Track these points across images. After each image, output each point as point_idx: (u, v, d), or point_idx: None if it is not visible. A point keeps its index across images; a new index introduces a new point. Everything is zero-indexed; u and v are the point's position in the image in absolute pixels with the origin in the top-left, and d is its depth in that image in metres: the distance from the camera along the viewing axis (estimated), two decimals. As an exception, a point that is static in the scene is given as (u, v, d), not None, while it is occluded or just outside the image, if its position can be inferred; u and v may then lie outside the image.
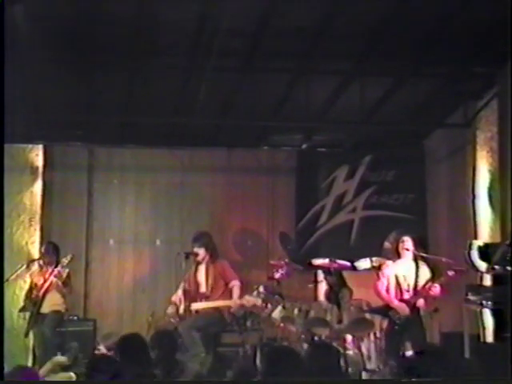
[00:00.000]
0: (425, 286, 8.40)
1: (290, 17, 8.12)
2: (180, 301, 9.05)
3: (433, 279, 8.44)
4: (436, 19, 8.24)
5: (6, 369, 5.49)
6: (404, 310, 8.36)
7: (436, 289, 8.33)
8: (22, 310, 9.66)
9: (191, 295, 9.07)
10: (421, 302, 8.46)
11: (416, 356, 7.12)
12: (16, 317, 10.25)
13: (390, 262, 8.65)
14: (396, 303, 8.42)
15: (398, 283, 8.50)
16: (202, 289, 9.00)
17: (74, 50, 8.75)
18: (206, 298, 8.95)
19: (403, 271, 8.52)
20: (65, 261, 9.24)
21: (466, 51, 8.96)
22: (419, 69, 9.60)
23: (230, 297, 8.94)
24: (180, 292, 9.11)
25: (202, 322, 8.74)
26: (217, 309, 8.89)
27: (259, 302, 8.79)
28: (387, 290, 8.53)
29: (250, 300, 8.69)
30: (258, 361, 5.43)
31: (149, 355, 6.19)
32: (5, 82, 6.27)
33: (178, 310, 9.00)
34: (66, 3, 7.78)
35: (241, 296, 8.93)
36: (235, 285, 8.99)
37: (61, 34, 8.27)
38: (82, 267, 11.69)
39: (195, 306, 8.88)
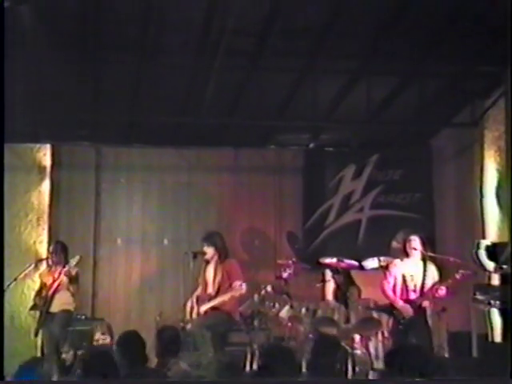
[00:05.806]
0: (432, 287, 8.36)
1: (297, 16, 8.13)
2: (191, 300, 9.02)
3: (440, 281, 8.40)
4: (442, 18, 8.24)
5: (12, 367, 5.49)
6: (408, 310, 8.32)
7: (442, 291, 8.27)
8: (32, 308, 9.63)
9: (201, 295, 9.06)
10: (427, 303, 8.42)
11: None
12: (24, 316, 10.29)
13: (397, 261, 8.61)
14: (400, 304, 8.39)
15: (404, 283, 8.47)
16: (209, 289, 8.97)
17: (81, 48, 8.78)
18: (213, 297, 8.90)
19: (410, 271, 8.49)
20: (72, 262, 9.21)
21: (472, 50, 8.94)
22: (426, 68, 9.58)
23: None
24: (192, 291, 9.09)
25: (210, 321, 8.71)
26: (224, 308, 8.86)
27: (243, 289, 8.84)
28: (393, 290, 8.50)
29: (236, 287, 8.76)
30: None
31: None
32: (6, 81, 6.30)
33: (192, 308, 8.98)
34: (72, 1, 7.81)
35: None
36: (237, 285, 8.87)
37: (67, 33, 8.30)
38: (90, 266, 11.68)
39: (203, 305, 8.87)
